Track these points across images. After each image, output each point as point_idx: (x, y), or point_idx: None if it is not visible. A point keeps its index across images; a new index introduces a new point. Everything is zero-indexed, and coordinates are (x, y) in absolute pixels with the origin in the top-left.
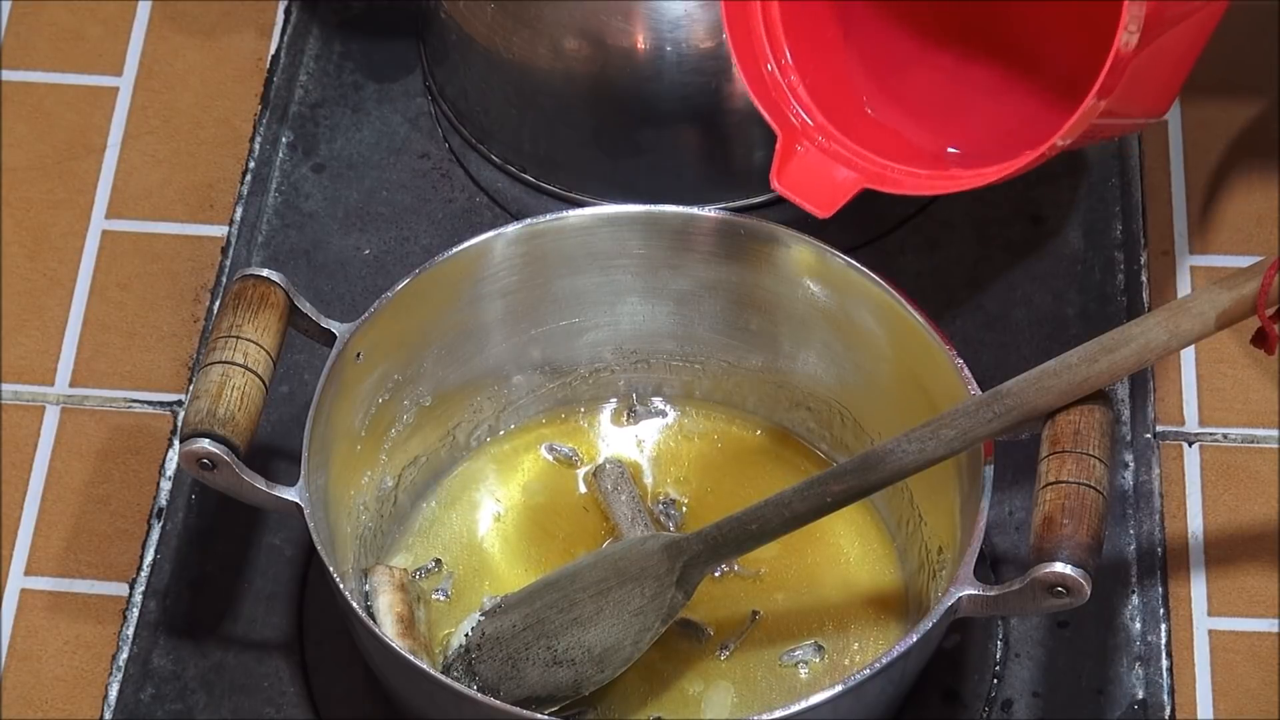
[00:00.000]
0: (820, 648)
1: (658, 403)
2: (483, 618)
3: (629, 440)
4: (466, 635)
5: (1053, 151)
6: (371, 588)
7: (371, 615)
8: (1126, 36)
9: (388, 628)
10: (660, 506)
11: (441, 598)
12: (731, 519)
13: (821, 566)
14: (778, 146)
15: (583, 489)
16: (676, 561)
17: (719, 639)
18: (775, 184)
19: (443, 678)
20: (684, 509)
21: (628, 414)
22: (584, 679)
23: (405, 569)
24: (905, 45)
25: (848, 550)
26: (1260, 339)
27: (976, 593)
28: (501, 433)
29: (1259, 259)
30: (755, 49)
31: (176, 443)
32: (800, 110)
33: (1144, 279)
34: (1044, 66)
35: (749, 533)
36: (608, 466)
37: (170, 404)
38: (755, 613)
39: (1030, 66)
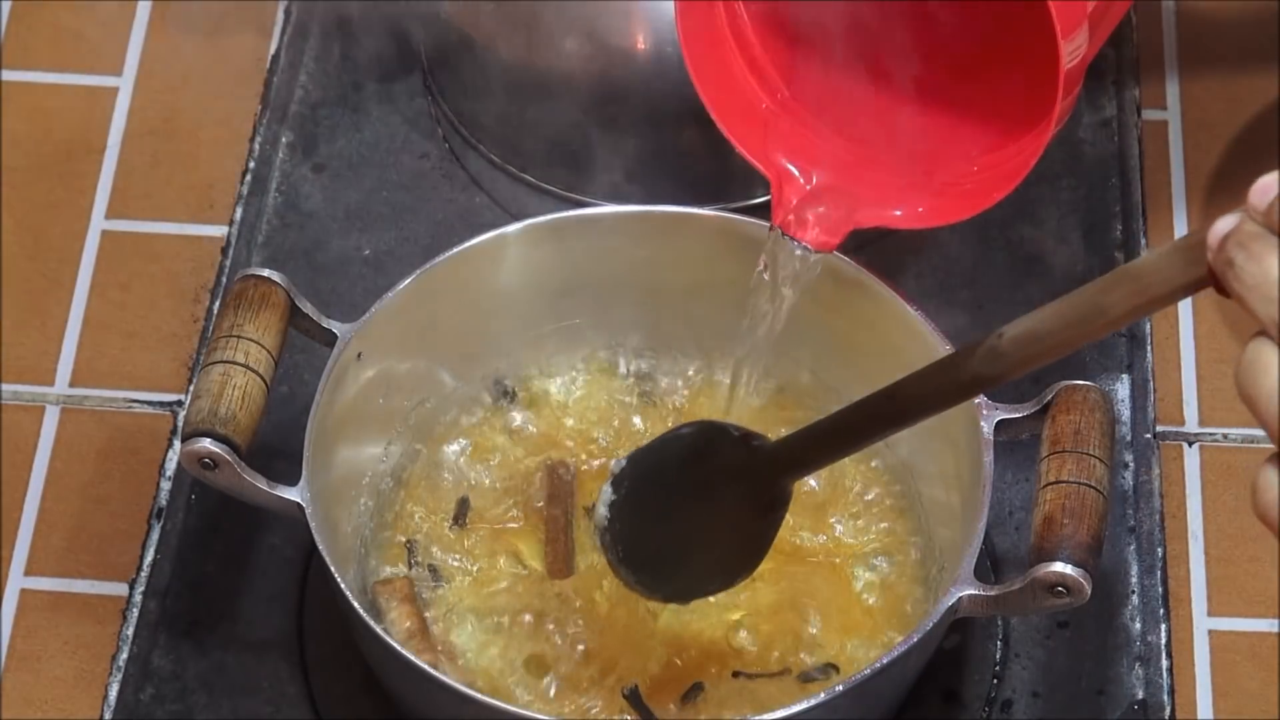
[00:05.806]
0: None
1: (658, 402)
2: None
3: (627, 437)
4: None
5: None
6: (379, 608)
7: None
8: (1069, 60)
9: (403, 645)
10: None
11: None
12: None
13: (819, 564)
14: (772, 190)
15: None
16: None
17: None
18: (776, 224)
19: (443, 678)
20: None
21: (623, 411)
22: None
23: (409, 577)
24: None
25: (846, 548)
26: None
27: (976, 593)
28: (501, 431)
29: None
30: (740, 99)
31: (177, 443)
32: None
33: None
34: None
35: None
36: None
37: (170, 404)
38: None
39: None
